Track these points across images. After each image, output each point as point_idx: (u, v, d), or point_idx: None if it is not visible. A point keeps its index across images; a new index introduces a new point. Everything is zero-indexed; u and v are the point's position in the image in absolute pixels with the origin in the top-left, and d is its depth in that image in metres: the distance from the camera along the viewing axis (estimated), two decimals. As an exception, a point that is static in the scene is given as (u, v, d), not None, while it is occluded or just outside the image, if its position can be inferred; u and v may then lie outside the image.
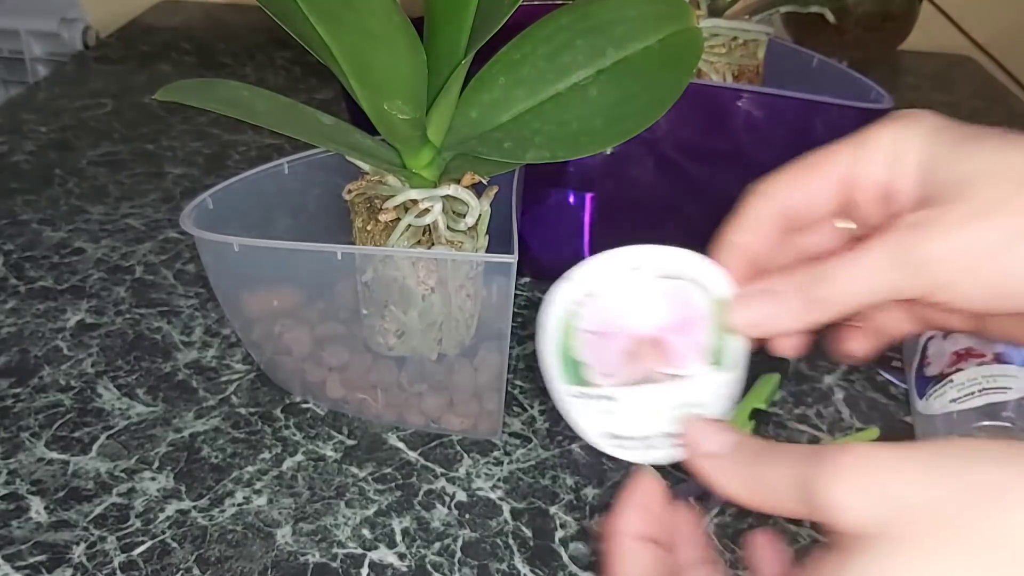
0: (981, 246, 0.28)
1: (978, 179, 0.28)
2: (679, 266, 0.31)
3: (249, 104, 0.47)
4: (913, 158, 0.30)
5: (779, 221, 0.33)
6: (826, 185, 0.32)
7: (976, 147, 0.29)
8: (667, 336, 0.32)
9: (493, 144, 0.48)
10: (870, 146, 0.31)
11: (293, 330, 0.51)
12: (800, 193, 0.32)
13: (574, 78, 0.49)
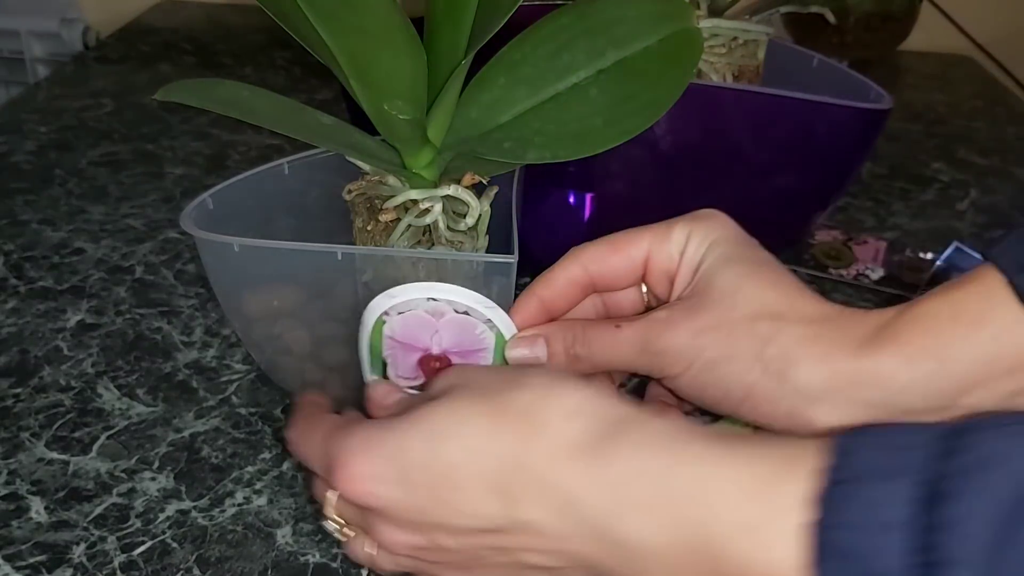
0: (699, 352, 0.35)
1: (723, 298, 0.35)
2: (472, 305, 0.39)
3: (249, 104, 0.47)
4: (690, 260, 0.37)
5: (584, 285, 0.40)
6: (627, 263, 0.39)
7: (734, 268, 0.36)
8: (453, 357, 0.40)
9: (493, 144, 0.48)
10: (663, 239, 0.38)
11: (293, 330, 0.51)
12: (606, 267, 0.39)
13: (574, 78, 0.49)
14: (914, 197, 0.81)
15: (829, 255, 0.70)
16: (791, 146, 0.60)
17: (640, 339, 0.36)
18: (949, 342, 0.32)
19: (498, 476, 0.30)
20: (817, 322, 0.34)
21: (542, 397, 0.31)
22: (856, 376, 0.33)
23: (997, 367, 0.32)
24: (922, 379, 0.32)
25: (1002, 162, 0.89)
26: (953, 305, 0.33)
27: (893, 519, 0.23)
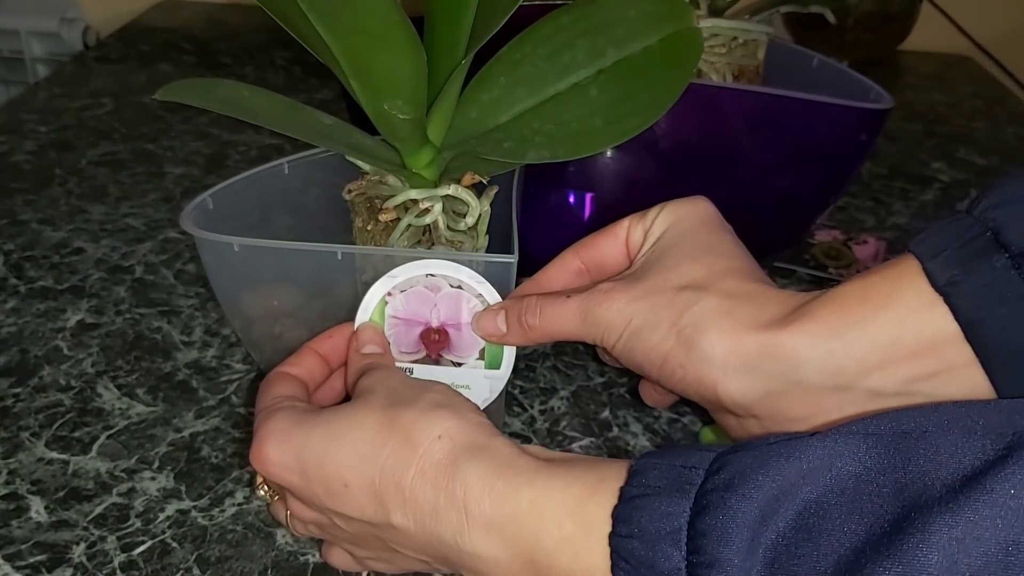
0: (629, 321, 0.37)
1: (661, 271, 0.38)
2: (465, 280, 0.43)
3: (249, 104, 0.47)
4: (652, 236, 0.40)
5: (576, 270, 0.43)
6: (612, 242, 0.42)
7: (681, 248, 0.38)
8: (451, 330, 0.44)
9: (493, 144, 0.48)
10: (640, 218, 0.41)
11: (293, 330, 0.51)
12: (594, 249, 0.43)
13: (574, 78, 0.49)
14: (914, 197, 0.81)
15: (829, 255, 0.70)
16: (791, 146, 0.60)
17: (582, 309, 0.39)
18: (853, 322, 0.33)
19: (376, 484, 0.34)
20: (737, 297, 0.36)
21: (421, 417, 0.34)
22: (758, 349, 0.35)
23: (899, 351, 0.33)
24: (822, 356, 0.34)
25: (1002, 162, 0.89)
26: (865, 287, 0.34)
27: (672, 528, 0.27)
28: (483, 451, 0.33)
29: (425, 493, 0.33)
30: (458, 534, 0.32)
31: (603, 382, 0.56)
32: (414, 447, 0.33)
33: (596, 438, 0.52)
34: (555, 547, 0.30)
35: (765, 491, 0.26)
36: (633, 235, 0.42)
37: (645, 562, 0.27)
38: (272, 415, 0.37)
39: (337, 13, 0.41)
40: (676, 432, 0.52)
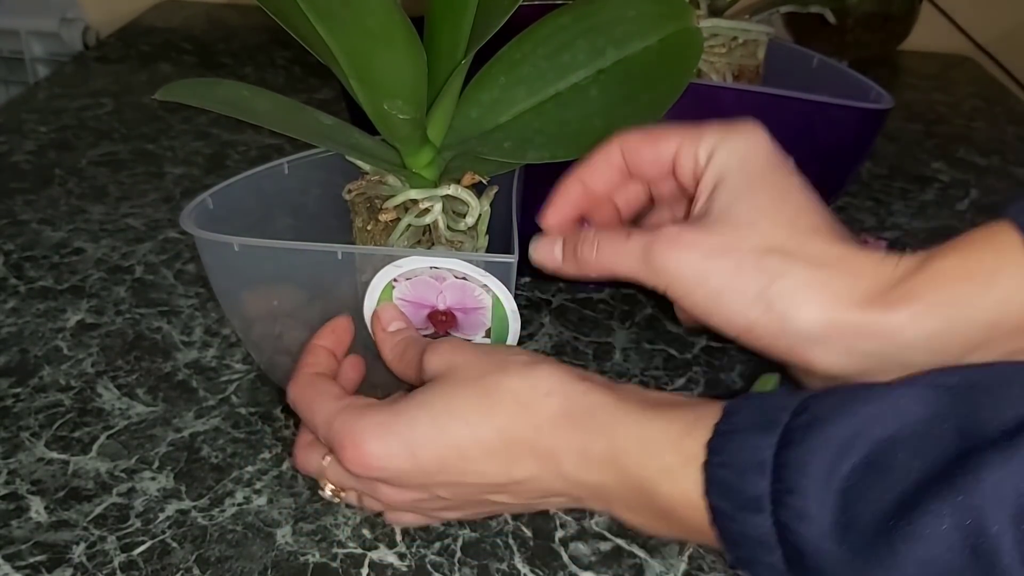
0: (704, 278, 0.37)
1: (738, 225, 0.36)
2: (470, 272, 0.44)
3: (249, 104, 0.47)
4: (715, 170, 0.38)
5: (620, 168, 0.42)
6: (656, 156, 0.40)
7: (756, 196, 0.37)
8: (457, 313, 0.45)
9: (493, 144, 0.48)
10: (693, 140, 0.39)
11: (293, 330, 0.51)
12: (639, 156, 0.41)
13: (574, 78, 0.49)
14: (914, 197, 0.81)
15: (829, 255, 0.70)
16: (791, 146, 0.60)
17: (644, 250, 0.38)
18: (959, 302, 0.33)
19: (496, 446, 0.37)
20: (827, 266, 0.35)
21: (523, 380, 0.38)
22: (859, 328, 0.34)
23: (1002, 328, 0.32)
24: (927, 338, 0.33)
25: (1002, 162, 0.89)
26: (967, 263, 0.33)
27: (759, 459, 0.31)
28: (589, 399, 0.37)
29: (546, 442, 0.37)
30: (580, 471, 0.36)
31: (603, 382, 0.56)
32: (526, 407, 0.37)
33: (596, 438, 0.52)
34: (658, 476, 0.34)
35: (842, 431, 0.30)
36: (684, 159, 0.39)
37: (735, 488, 0.32)
38: (355, 414, 0.39)
39: (337, 13, 0.41)
40: (676, 432, 0.52)
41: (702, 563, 0.44)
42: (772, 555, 0.31)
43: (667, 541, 0.45)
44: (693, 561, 0.44)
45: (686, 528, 0.35)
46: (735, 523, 0.32)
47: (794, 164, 0.39)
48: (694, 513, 0.34)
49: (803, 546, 0.30)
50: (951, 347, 0.33)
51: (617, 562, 0.44)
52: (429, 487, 0.39)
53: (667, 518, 0.35)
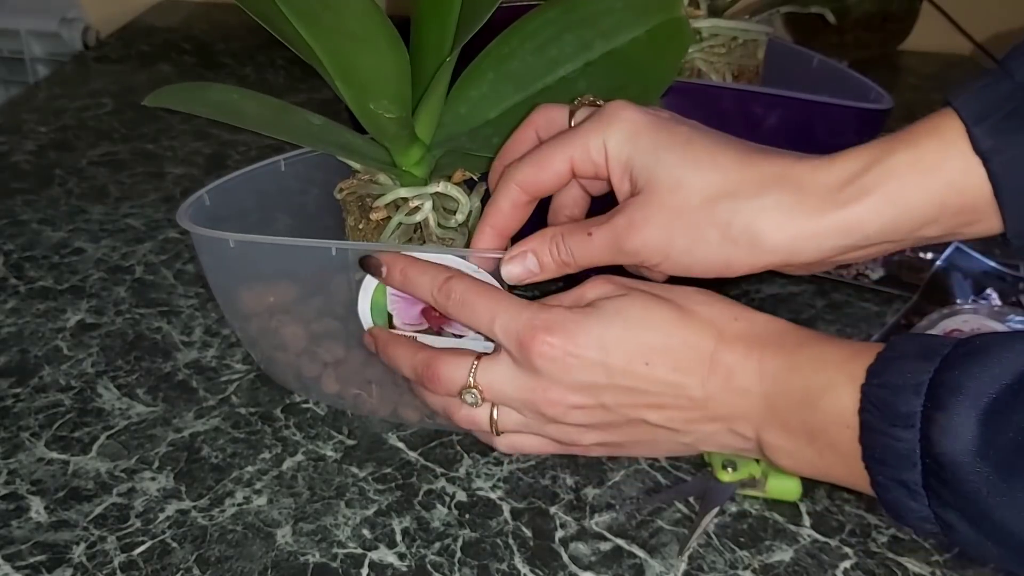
0: (671, 244, 0.40)
1: (671, 190, 0.39)
2: (461, 268, 0.44)
3: (238, 107, 0.47)
4: (617, 159, 0.41)
5: (526, 202, 0.44)
6: (555, 176, 0.43)
7: (666, 157, 0.40)
8: None
9: (483, 140, 0.48)
10: (581, 148, 0.42)
11: (289, 326, 0.51)
12: (538, 184, 0.43)
13: (562, 71, 0.49)
14: (914, 197, 0.81)
15: (829, 255, 0.70)
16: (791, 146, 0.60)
17: (611, 244, 0.41)
18: (910, 191, 0.37)
19: (680, 356, 0.40)
20: (772, 188, 0.38)
21: (714, 308, 0.42)
22: (825, 230, 0.38)
23: (948, 209, 0.37)
24: (885, 223, 0.37)
25: (1002, 162, 0.89)
26: (916, 154, 0.37)
27: (916, 381, 0.35)
28: (771, 326, 0.41)
29: (726, 358, 0.40)
30: (752, 384, 0.40)
31: (603, 382, 0.56)
32: (714, 325, 0.41)
33: (596, 438, 0.52)
34: (821, 391, 0.38)
35: (997, 362, 0.33)
36: (581, 166, 0.42)
37: (888, 405, 0.35)
38: (545, 308, 0.42)
39: (316, 14, 0.41)
40: (676, 432, 0.52)
41: (702, 563, 0.44)
42: (912, 472, 0.34)
43: (666, 543, 0.45)
44: (693, 561, 0.44)
45: (831, 449, 0.38)
46: (882, 437, 0.35)
47: (671, 113, 0.42)
48: (844, 432, 0.37)
49: (945, 460, 0.33)
50: (903, 227, 0.38)
51: (617, 562, 0.44)
52: (601, 390, 0.41)
53: (817, 439, 0.38)
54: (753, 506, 0.47)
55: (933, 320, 0.54)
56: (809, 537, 0.46)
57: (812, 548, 0.45)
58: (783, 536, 0.46)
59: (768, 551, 0.45)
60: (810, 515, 0.47)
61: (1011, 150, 0.35)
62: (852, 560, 0.45)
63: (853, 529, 0.46)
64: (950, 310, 0.54)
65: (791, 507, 0.47)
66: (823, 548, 0.45)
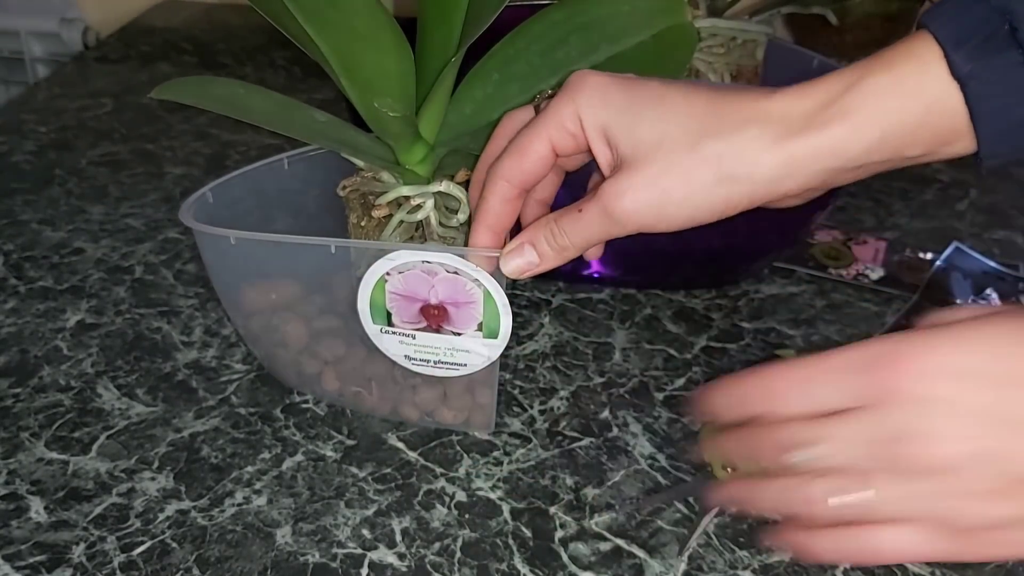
0: (667, 197, 0.39)
1: (655, 147, 0.38)
2: (461, 267, 0.44)
3: (244, 102, 0.47)
4: (594, 130, 0.40)
5: (516, 195, 0.43)
6: (538, 161, 0.42)
7: (644, 114, 0.39)
8: (449, 307, 0.46)
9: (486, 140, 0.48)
10: (557, 127, 0.41)
11: (290, 323, 0.51)
12: (524, 173, 0.42)
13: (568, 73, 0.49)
14: (914, 197, 0.81)
15: (829, 255, 0.70)
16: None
17: (603, 217, 0.40)
18: (890, 112, 0.37)
19: None
20: (753, 121, 0.38)
21: None
22: (812, 150, 0.37)
23: (928, 129, 0.37)
24: (869, 145, 0.37)
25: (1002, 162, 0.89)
26: (895, 76, 0.37)
27: None
28: None
29: None
30: None
31: (603, 382, 0.56)
32: None
33: (596, 438, 0.52)
34: None
35: None
36: (562, 145, 0.42)
37: None
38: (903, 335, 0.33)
39: (322, 12, 0.41)
40: (676, 432, 0.52)
41: (702, 563, 0.44)
42: None
43: (666, 543, 0.45)
44: (693, 561, 0.44)
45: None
46: None
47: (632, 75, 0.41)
48: None
49: None
50: (887, 148, 0.38)
51: (617, 562, 0.44)
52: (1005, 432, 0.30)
53: None
54: (753, 506, 0.48)
55: (933, 320, 0.54)
56: (809, 537, 0.46)
57: (812, 548, 0.45)
58: (783, 536, 0.46)
59: (768, 551, 0.45)
60: (810, 515, 0.47)
61: (987, 74, 0.35)
62: (852, 560, 0.45)
63: (853, 529, 0.46)
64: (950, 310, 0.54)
65: (791, 507, 0.47)
66: (823, 548, 0.45)
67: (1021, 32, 0.35)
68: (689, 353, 0.59)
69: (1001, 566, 0.45)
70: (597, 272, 0.64)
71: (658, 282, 0.65)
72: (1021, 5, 0.35)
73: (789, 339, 0.61)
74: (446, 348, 0.47)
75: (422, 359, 0.48)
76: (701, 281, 0.65)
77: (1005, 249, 0.73)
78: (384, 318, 0.47)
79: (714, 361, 0.59)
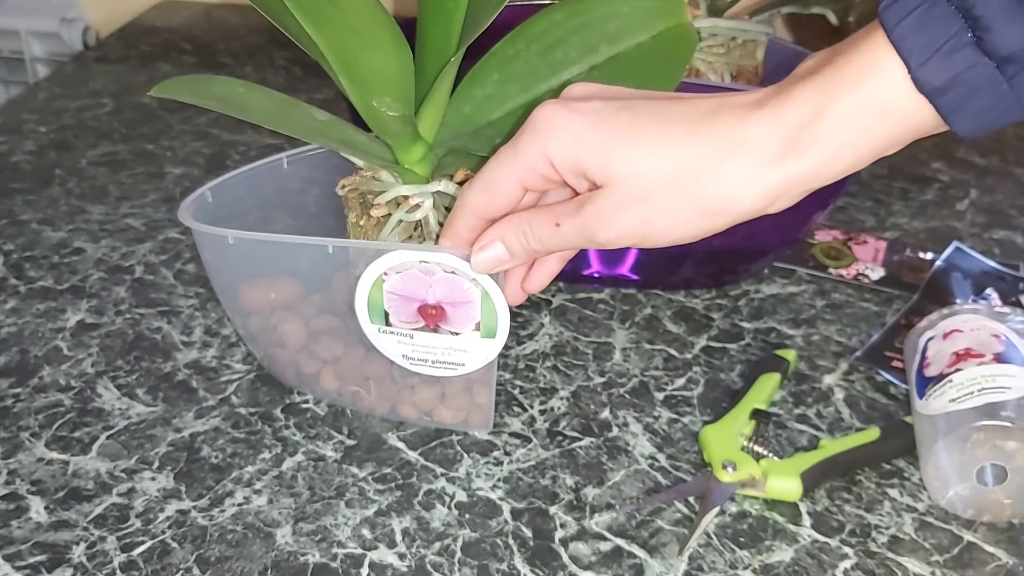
0: (648, 225, 0.39)
1: (633, 179, 0.38)
2: (458, 267, 0.44)
3: (243, 100, 0.47)
4: (569, 168, 0.39)
5: (484, 224, 0.43)
6: (507, 199, 0.42)
7: (617, 152, 0.39)
8: (447, 307, 0.46)
9: (486, 140, 0.48)
10: (528, 170, 0.40)
11: (288, 322, 0.51)
12: (493, 209, 0.42)
13: (566, 74, 0.49)
14: (914, 197, 0.81)
15: (829, 255, 0.70)
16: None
17: (583, 236, 0.40)
18: (863, 135, 0.36)
19: None
20: (731, 153, 0.37)
21: None
22: (791, 176, 0.37)
23: (902, 139, 0.37)
24: (846, 166, 0.37)
25: (1002, 162, 0.89)
26: (859, 98, 0.36)
27: None
28: None
29: None
30: None
31: (603, 382, 0.56)
32: None
33: (596, 438, 0.52)
34: None
35: None
36: (534, 184, 0.41)
37: None
38: None
39: (322, 11, 0.41)
40: (676, 432, 0.52)
41: (702, 563, 0.44)
42: None
43: (666, 543, 0.45)
44: (693, 561, 0.44)
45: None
46: None
47: (595, 89, 0.41)
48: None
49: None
50: (864, 161, 0.37)
51: (617, 562, 0.44)
52: None
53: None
54: (753, 506, 0.48)
55: (933, 320, 0.54)
56: (809, 537, 0.46)
57: (812, 548, 0.45)
58: (783, 536, 0.46)
59: (768, 551, 0.45)
60: (810, 515, 0.47)
61: (955, 89, 0.34)
62: (852, 560, 0.45)
63: (853, 529, 0.46)
64: (950, 310, 0.54)
65: (791, 507, 0.48)
66: (823, 548, 0.45)
67: (986, 41, 0.33)
68: (689, 353, 0.59)
69: (1001, 566, 0.45)
70: (597, 272, 0.64)
71: (658, 282, 0.65)
72: (983, 7, 0.33)
73: (789, 339, 0.61)
74: (444, 348, 0.47)
75: (420, 358, 0.48)
76: (701, 281, 0.65)
77: (1005, 249, 0.73)
78: (382, 318, 0.47)
79: (714, 361, 0.59)
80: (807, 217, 0.65)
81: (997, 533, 0.47)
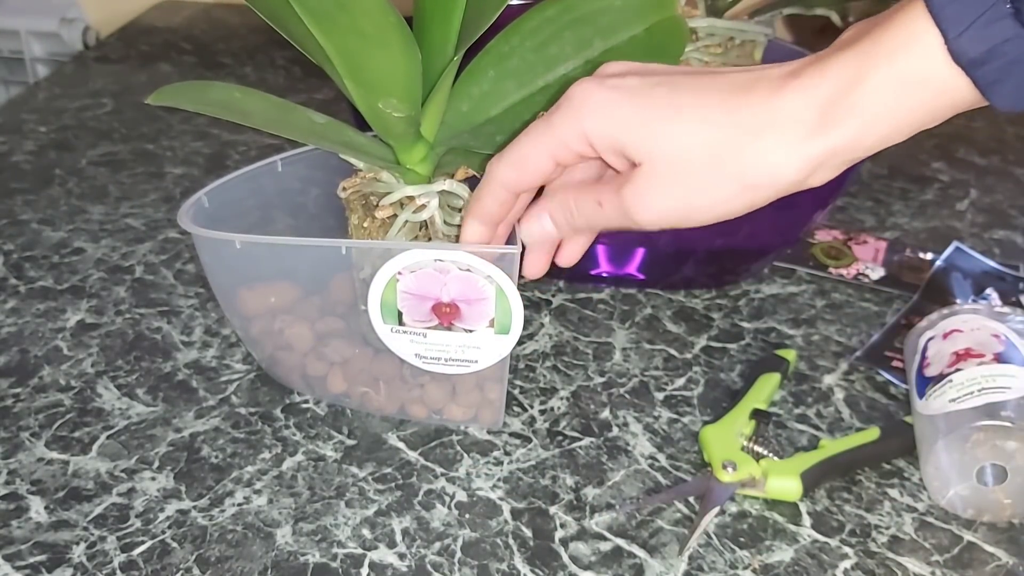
0: (689, 204, 0.39)
1: (673, 157, 0.38)
2: (473, 263, 0.44)
3: (241, 105, 0.47)
4: (606, 145, 0.39)
5: (512, 199, 0.43)
6: (540, 176, 0.42)
7: (656, 128, 0.39)
8: (462, 305, 0.46)
9: (485, 137, 0.49)
10: (562, 147, 0.40)
11: (294, 326, 0.51)
12: (524, 184, 0.42)
13: (562, 69, 0.50)
14: (914, 197, 0.81)
15: (829, 255, 0.70)
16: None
17: (623, 216, 0.40)
18: (900, 107, 0.36)
19: None
20: (769, 128, 0.37)
21: None
22: (829, 148, 0.37)
23: (939, 112, 0.37)
24: (882, 137, 0.37)
25: (1002, 162, 0.89)
26: (896, 72, 0.36)
27: None
28: None
29: None
30: None
31: (603, 382, 0.56)
32: None
33: (596, 438, 0.52)
34: None
35: None
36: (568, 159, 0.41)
37: None
38: None
39: (331, 15, 0.41)
40: (676, 432, 0.52)
41: (702, 563, 0.44)
42: None
43: (666, 543, 0.45)
44: (693, 561, 0.44)
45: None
46: None
47: (629, 67, 0.41)
48: None
49: None
50: (902, 133, 0.37)
51: (617, 562, 0.44)
52: None
53: None
54: (753, 506, 0.48)
55: (933, 320, 0.54)
56: (809, 537, 0.46)
57: (812, 548, 0.45)
58: (783, 536, 0.46)
59: (768, 551, 0.45)
60: (810, 515, 0.47)
61: (994, 60, 0.34)
62: (852, 560, 0.45)
63: (853, 529, 0.46)
64: (950, 310, 0.54)
65: (791, 507, 0.48)
66: (823, 548, 0.45)
67: None
68: (689, 353, 0.59)
69: (1001, 566, 0.45)
70: (605, 272, 0.64)
71: (658, 282, 0.65)
72: None
73: (789, 339, 0.61)
74: (457, 345, 0.47)
75: (433, 357, 0.48)
76: (701, 281, 0.65)
77: (1005, 249, 0.73)
78: (395, 318, 0.47)
79: (714, 361, 0.59)
80: (807, 217, 0.65)
81: (997, 533, 0.47)
